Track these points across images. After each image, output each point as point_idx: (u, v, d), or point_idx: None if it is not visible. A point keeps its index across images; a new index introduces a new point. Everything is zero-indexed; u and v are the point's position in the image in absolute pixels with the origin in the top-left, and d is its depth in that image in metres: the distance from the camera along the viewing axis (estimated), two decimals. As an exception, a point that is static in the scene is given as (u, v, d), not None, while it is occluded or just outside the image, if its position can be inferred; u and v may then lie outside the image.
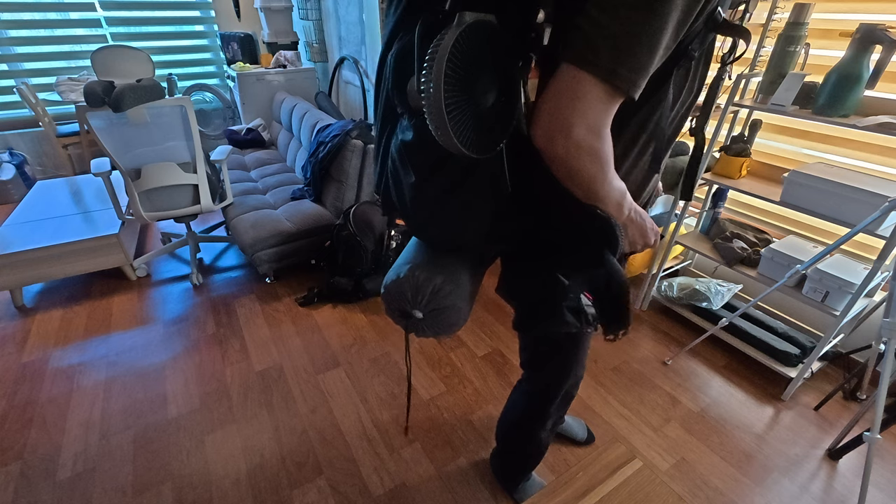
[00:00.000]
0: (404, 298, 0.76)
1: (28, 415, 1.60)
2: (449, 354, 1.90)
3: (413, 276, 0.74)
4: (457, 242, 0.73)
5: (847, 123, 1.36)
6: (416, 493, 1.36)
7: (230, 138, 3.38)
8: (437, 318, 0.76)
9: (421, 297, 0.74)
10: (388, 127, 0.70)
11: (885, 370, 1.17)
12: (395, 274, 0.77)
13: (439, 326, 0.77)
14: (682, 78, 0.62)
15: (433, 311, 0.75)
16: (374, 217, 2.20)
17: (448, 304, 0.75)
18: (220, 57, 4.06)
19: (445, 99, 0.50)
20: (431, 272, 0.74)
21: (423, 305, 0.74)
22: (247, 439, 1.52)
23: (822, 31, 1.61)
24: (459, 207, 0.65)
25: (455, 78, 0.50)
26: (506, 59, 0.56)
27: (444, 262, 0.76)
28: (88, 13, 3.49)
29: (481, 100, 0.54)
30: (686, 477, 1.41)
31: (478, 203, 0.64)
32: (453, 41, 0.49)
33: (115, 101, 1.74)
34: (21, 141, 3.56)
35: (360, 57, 3.21)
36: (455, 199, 0.64)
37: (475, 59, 0.52)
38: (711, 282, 1.99)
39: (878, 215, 1.24)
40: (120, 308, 2.17)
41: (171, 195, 2.11)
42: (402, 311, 0.77)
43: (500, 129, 0.58)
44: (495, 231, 0.67)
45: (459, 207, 0.65)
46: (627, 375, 1.79)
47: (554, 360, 1.00)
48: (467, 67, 0.51)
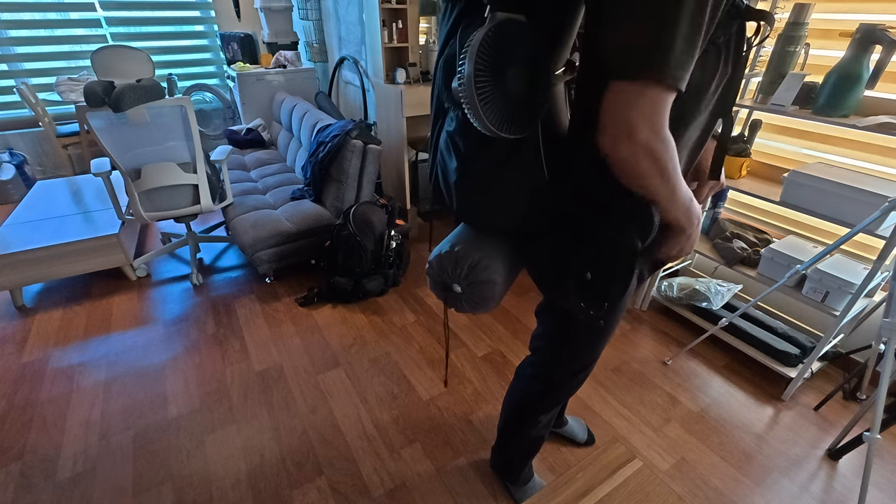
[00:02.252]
0: (445, 272, 0.84)
1: (28, 415, 1.60)
2: (449, 354, 1.90)
3: (453, 253, 0.83)
4: (495, 222, 0.80)
5: (847, 123, 1.36)
6: (416, 493, 1.36)
7: (230, 138, 3.38)
8: (474, 291, 0.82)
9: (459, 271, 0.82)
10: (438, 122, 0.80)
11: (885, 370, 1.17)
12: (438, 251, 0.86)
13: (476, 300, 0.83)
14: (713, 62, 0.63)
15: (471, 285, 0.82)
16: (374, 217, 2.20)
17: (484, 279, 0.81)
18: (220, 57, 4.06)
19: (477, 86, 0.58)
20: (470, 249, 0.82)
21: (462, 279, 0.82)
22: (247, 439, 1.52)
23: (822, 31, 1.61)
24: (497, 190, 0.73)
25: (485, 68, 0.59)
26: (535, 54, 0.62)
27: (483, 242, 0.83)
28: (88, 13, 3.50)
29: (511, 87, 0.61)
30: (686, 477, 1.41)
31: (513, 187, 0.72)
32: (482, 36, 0.58)
33: (115, 101, 1.74)
34: (21, 141, 3.56)
35: (360, 57, 3.21)
36: (492, 183, 0.73)
37: (504, 52, 0.60)
38: (711, 282, 1.99)
39: (878, 215, 1.24)
40: (120, 308, 2.17)
41: (171, 195, 2.12)
42: (444, 284, 0.85)
43: (529, 115, 0.64)
44: (532, 214, 0.74)
45: (497, 190, 0.73)
46: (627, 375, 1.79)
47: (563, 349, 1.02)
48: (496, 59, 0.59)
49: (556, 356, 1.04)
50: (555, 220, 0.74)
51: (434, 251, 0.87)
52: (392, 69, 2.77)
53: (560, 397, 1.14)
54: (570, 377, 1.06)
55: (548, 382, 1.09)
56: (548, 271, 0.81)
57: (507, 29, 0.59)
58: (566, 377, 1.06)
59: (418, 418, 1.60)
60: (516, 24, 0.59)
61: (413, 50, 2.83)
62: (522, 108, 0.63)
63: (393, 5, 2.62)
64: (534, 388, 1.12)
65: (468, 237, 0.85)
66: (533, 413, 1.16)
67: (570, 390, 1.11)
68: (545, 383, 1.09)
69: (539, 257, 0.81)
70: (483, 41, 0.58)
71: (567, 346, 1.01)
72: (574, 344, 1.00)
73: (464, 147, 0.72)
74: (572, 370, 1.04)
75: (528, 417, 1.18)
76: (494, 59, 0.59)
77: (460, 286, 0.82)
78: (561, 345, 1.02)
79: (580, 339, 0.98)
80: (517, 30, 0.60)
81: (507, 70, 0.60)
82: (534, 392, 1.13)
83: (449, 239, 0.87)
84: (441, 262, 0.84)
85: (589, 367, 1.05)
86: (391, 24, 2.70)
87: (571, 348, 1.01)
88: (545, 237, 0.77)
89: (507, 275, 0.85)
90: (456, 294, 0.84)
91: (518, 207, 0.74)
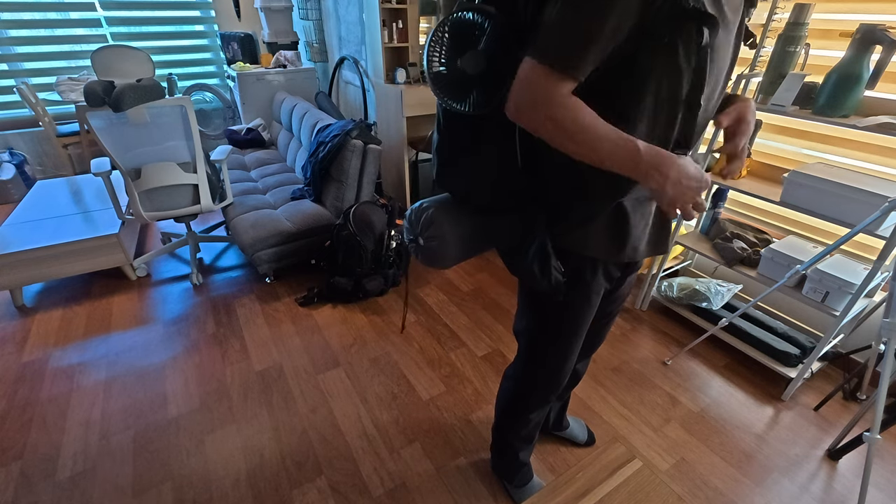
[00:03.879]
0: (411, 223, 0.93)
1: (28, 415, 1.60)
2: (449, 354, 1.90)
3: (421, 208, 0.91)
4: (463, 193, 0.89)
5: (847, 124, 1.36)
6: (416, 493, 1.36)
7: (230, 138, 3.38)
8: (429, 245, 0.90)
9: (421, 225, 0.90)
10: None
11: (885, 370, 1.17)
12: (415, 205, 0.95)
13: (428, 254, 0.91)
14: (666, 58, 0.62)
15: (428, 238, 0.90)
16: (374, 217, 2.20)
17: (437, 235, 0.88)
18: (220, 57, 4.06)
19: (430, 64, 0.73)
20: (436, 210, 0.89)
21: (423, 232, 0.90)
22: (247, 439, 1.52)
23: (822, 31, 1.61)
24: (463, 164, 0.84)
25: (439, 50, 0.71)
26: (497, 41, 0.69)
27: (452, 207, 0.91)
28: (88, 13, 3.50)
29: (468, 69, 0.71)
30: (686, 477, 1.41)
31: (480, 163, 0.81)
32: (436, 27, 0.70)
33: (115, 101, 1.74)
34: (21, 141, 3.56)
35: (360, 57, 3.21)
36: (460, 156, 0.83)
37: (459, 37, 0.70)
38: (711, 282, 1.99)
39: (878, 215, 1.24)
40: (120, 308, 2.17)
41: (171, 195, 2.11)
42: (411, 234, 0.94)
43: (483, 95, 0.72)
44: (500, 192, 0.82)
45: (463, 164, 0.84)
46: (627, 375, 1.79)
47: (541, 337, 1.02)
48: (452, 42, 0.71)
49: (532, 350, 1.06)
50: (520, 200, 0.82)
51: (414, 204, 0.95)
52: (392, 69, 2.77)
53: (546, 395, 1.12)
54: (549, 374, 1.06)
55: (529, 381, 1.10)
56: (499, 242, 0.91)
57: (467, 17, 0.68)
58: (545, 374, 1.07)
59: (418, 418, 1.60)
60: (482, 12, 0.67)
61: (413, 50, 2.83)
62: (479, 88, 0.72)
63: (393, 5, 2.62)
64: (518, 389, 1.14)
65: (442, 200, 0.92)
66: (524, 411, 1.17)
67: (554, 387, 1.09)
68: (527, 382, 1.11)
69: (495, 232, 0.90)
70: (438, 26, 0.70)
71: (543, 337, 1.01)
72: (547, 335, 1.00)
73: (442, 119, 0.83)
74: (549, 367, 1.05)
75: (519, 417, 1.19)
76: (450, 43, 0.70)
77: (422, 239, 0.90)
78: (536, 335, 1.03)
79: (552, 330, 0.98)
80: (479, 17, 0.68)
81: (461, 52, 0.70)
82: (519, 393, 1.14)
83: (429, 198, 0.95)
84: (412, 213, 0.93)
85: (566, 362, 1.04)
86: (391, 23, 2.70)
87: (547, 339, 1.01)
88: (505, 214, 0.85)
89: (464, 241, 0.91)
90: (418, 245, 0.92)
91: (484, 183, 0.83)
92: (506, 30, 0.67)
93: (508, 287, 2.36)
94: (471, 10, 0.68)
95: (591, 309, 0.94)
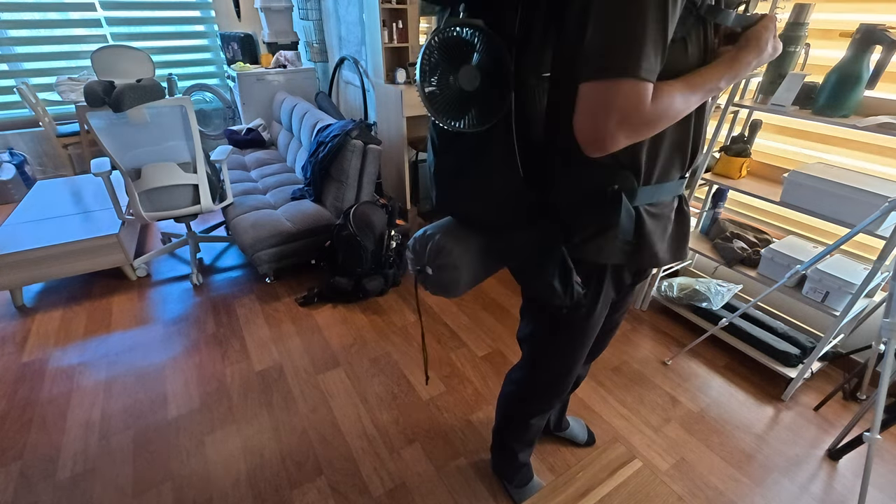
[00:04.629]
0: (417, 253, 0.90)
1: (28, 415, 1.60)
2: (449, 354, 1.90)
3: (426, 236, 0.88)
4: (468, 214, 0.86)
5: (847, 124, 1.36)
6: (416, 493, 1.36)
7: (230, 138, 3.38)
8: (440, 275, 0.87)
9: (429, 253, 0.87)
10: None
11: (885, 370, 1.17)
12: (419, 233, 0.92)
13: (439, 284, 0.88)
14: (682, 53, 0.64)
15: (438, 269, 0.87)
16: (374, 217, 2.20)
17: (448, 263, 0.85)
18: (220, 57, 4.06)
19: (424, 83, 0.67)
20: (443, 236, 0.87)
21: (431, 261, 0.87)
22: (247, 439, 1.52)
23: (822, 31, 1.61)
24: (466, 185, 0.80)
25: (432, 68, 0.67)
26: (492, 57, 0.67)
27: (458, 231, 0.88)
28: (88, 13, 3.50)
29: (464, 86, 0.68)
30: (686, 477, 1.41)
31: (483, 182, 0.77)
32: (428, 41, 0.65)
33: (115, 101, 1.74)
34: (21, 141, 3.57)
35: (360, 57, 3.21)
36: (462, 177, 0.79)
37: (453, 54, 0.66)
38: (711, 282, 1.99)
39: (877, 215, 1.24)
40: (120, 308, 2.17)
41: (171, 195, 2.12)
42: (418, 264, 0.91)
43: (482, 112, 0.70)
44: (505, 210, 0.79)
45: (466, 185, 0.80)
46: (627, 375, 1.79)
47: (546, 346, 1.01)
48: (444, 59, 0.67)
49: (537, 357, 1.05)
50: (529, 216, 0.78)
51: (417, 233, 0.93)
52: (392, 69, 2.77)
53: (548, 401, 1.12)
54: (552, 382, 1.06)
55: (532, 387, 1.09)
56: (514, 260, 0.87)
57: (456, 33, 0.66)
58: (549, 382, 1.06)
59: (418, 418, 1.60)
60: (472, 27, 0.66)
61: (413, 50, 2.83)
62: (477, 105, 0.69)
63: (393, 5, 2.62)
64: (521, 394, 1.13)
65: (447, 225, 0.90)
66: (526, 417, 1.16)
67: (556, 394, 1.09)
68: (529, 388, 1.10)
69: (509, 251, 0.86)
70: (427, 45, 0.65)
71: (549, 347, 1.00)
72: (553, 345, 0.99)
73: (437, 140, 0.80)
74: (553, 374, 1.04)
75: (521, 422, 1.18)
76: (442, 60, 0.66)
77: (431, 268, 0.88)
78: (541, 344, 1.02)
79: (558, 340, 0.97)
80: (469, 35, 0.66)
81: (456, 70, 0.67)
82: (522, 398, 1.13)
83: (432, 224, 0.93)
84: (416, 243, 0.91)
85: (570, 371, 1.03)
86: (391, 24, 2.70)
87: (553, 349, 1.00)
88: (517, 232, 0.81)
89: (474, 265, 0.88)
90: (426, 275, 0.89)
91: (489, 202, 0.79)
92: (498, 42, 0.66)
93: (508, 287, 2.36)
94: (459, 25, 0.66)
95: (598, 319, 0.93)
